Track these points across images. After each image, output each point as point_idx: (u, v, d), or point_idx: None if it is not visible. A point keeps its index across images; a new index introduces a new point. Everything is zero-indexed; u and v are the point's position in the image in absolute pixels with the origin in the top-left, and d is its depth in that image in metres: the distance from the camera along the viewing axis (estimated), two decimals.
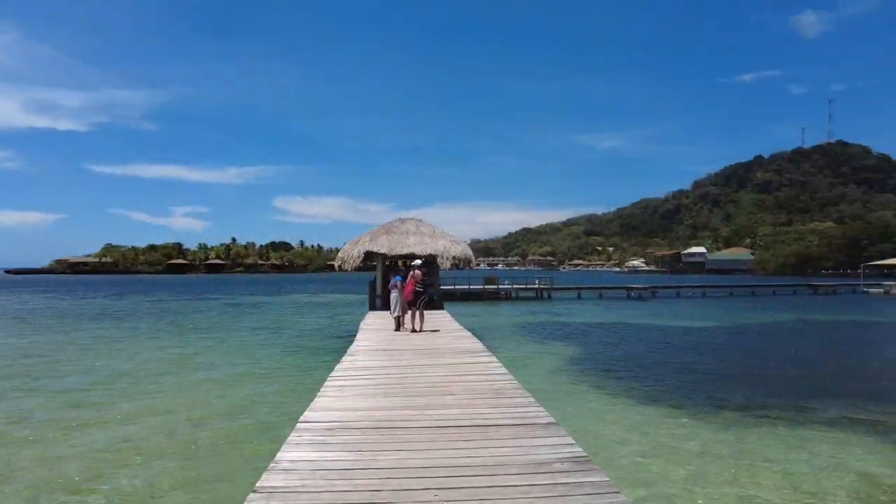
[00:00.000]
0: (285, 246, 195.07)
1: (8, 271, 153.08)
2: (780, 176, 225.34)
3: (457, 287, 46.41)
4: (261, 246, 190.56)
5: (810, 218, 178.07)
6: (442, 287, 29.64)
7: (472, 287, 48.42)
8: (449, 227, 25.14)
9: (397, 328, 15.21)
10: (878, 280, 65.78)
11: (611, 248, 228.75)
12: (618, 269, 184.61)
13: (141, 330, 27.01)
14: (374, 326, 16.41)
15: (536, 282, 55.15)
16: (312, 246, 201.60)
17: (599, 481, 4.41)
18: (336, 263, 23.06)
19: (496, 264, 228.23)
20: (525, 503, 4.01)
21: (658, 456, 8.85)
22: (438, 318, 17.90)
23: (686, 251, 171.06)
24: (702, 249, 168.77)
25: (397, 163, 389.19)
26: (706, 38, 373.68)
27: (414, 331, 14.65)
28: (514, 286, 52.94)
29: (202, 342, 22.41)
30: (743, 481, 7.79)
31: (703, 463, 8.53)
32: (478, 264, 28.78)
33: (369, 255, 22.52)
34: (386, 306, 18.43)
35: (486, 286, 49.88)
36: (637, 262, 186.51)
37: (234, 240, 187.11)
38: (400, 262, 21.93)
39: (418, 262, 16.23)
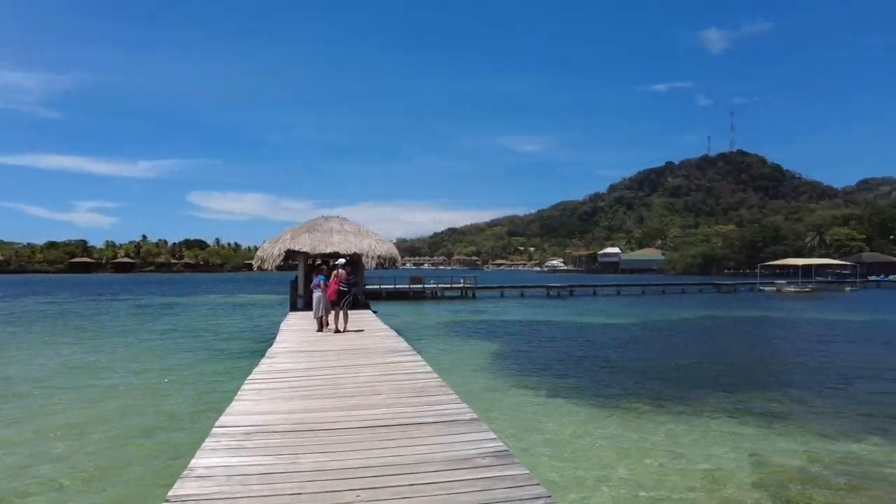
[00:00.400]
0: (200, 244, 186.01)
1: None
2: (689, 181, 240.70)
3: (382, 286, 46.18)
4: (174, 244, 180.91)
5: (715, 221, 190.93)
6: (367, 286, 29.39)
7: (397, 286, 48.33)
8: (374, 226, 24.91)
9: (320, 329, 14.93)
10: (771, 279, 71.50)
11: (532, 249, 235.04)
12: (538, 268, 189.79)
13: (34, 334, 24.88)
14: (296, 327, 16.02)
15: (461, 281, 55.88)
16: (229, 244, 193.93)
17: (519, 474, 4.54)
18: (255, 263, 22.27)
19: (422, 263, 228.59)
20: (446, 499, 4.05)
21: (578, 448, 9.21)
22: (363, 318, 17.71)
23: (602, 251, 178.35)
24: (616, 250, 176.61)
25: (321, 159, 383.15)
26: (624, 48, 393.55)
27: (338, 331, 14.42)
28: (440, 285, 53.34)
29: (107, 347, 20.96)
30: (656, 470, 8.26)
31: (619, 454, 8.94)
32: (403, 263, 28.78)
33: (290, 254, 21.93)
34: (308, 307, 18.03)
35: (411, 285, 49.94)
36: (556, 262, 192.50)
37: (144, 237, 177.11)
38: (321, 261, 21.52)
39: (342, 261, 15.97)
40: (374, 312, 22.18)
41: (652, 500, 7.19)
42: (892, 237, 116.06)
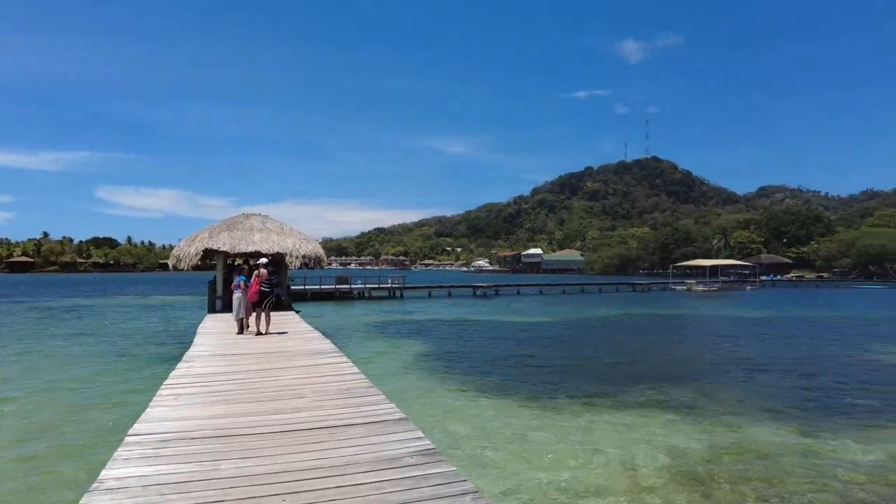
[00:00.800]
0: (110, 242, 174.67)
1: None
2: (606, 186, 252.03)
3: (307, 287, 45.17)
4: (80, 242, 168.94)
5: (630, 224, 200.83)
6: (291, 287, 28.64)
7: (323, 287, 47.43)
8: (299, 225, 24.33)
9: (241, 331, 14.43)
10: (682, 279, 75.99)
11: (459, 249, 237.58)
12: (465, 268, 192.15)
13: None
14: (215, 330, 15.40)
15: (389, 281, 55.56)
16: (143, 242, 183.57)
17: (447, 471, 4.60)
18: (170, 262, 21.16)
19: (349, 263, 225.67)
20: (375, 499, 4.05)
21: (504, 445, 9.40)
22: (286, 320, 17.29)
23: (525, 252, 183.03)
24: (539, 251, 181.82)
25: (241, 154, 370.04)
26: (547, 56, 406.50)
27: (259, 333, 13.98)
28: (367, 285, 52.79)
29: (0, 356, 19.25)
30: (579, 463, 8.58)
31: (543, 449, 9.21)
32: (330, 263, 28.33)
33: (209, 254, 21.04)
34: (228, 308, 17.38)
35: (337, 286, 49.15)
36: (482, 262, 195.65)
37: (45, 234, 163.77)
38: (242, 261, 20.80)
39: (264, 260, 15.51)
40: (297, 312, 21.70)
41: (574, 493, 7.47)
42: (785, 240, 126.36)
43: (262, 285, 14.13)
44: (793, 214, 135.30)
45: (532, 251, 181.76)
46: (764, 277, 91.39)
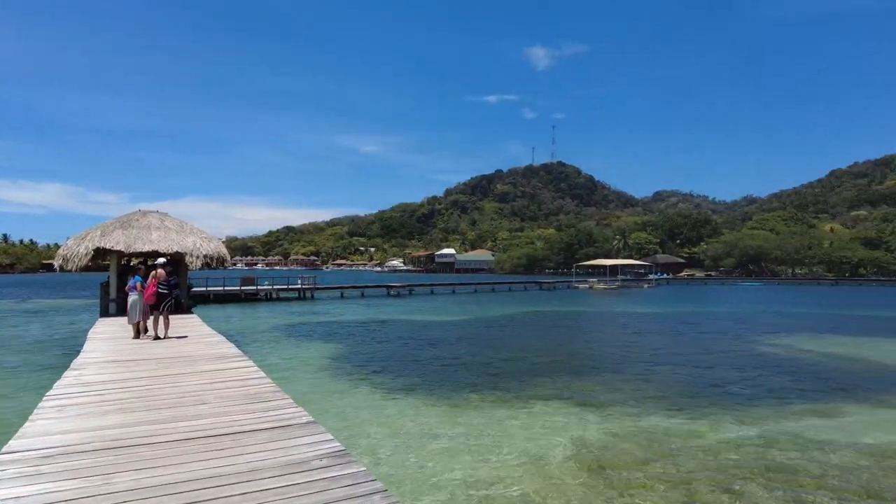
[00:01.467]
0: None
1: None
2: (515, 188, 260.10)
3: (209, 289, 43.06)
4: None
5: (537, 225, 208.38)
6: (194, 289, 27.23)
7: (227, 288, 45.38)
8: (202, 223, 23.23)
9: (137, 336, 13.55)
10: (584, 278, 79.96)
11: (372, 249, 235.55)
12: (379, 268, 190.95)
13: None
14: (107, 335, 14.34)
15: (299, 281, 54.05)
16: (22, 241, 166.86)
17: (357, 472, 4.60)
18: (56, 262, 19.45)
19: (256, 263, 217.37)
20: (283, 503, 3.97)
21: (415, 443, 9.47)
22: (187, 323, 16.42)
23: (439, 252, 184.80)
24: (452, 251, 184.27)
25: (137, 147, 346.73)
26: (459, 59, 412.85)
27: (157, 338, 13.21)
28: (275, 286, 51.06)
29: None
30: (489, 458, 8.80)
31: (454, 446, 9.37)
32: (234, 263, 27.23)
33: (101, 253, 19.57)
34: (122, 312, 16.28)
35: (242, 287, 47.19)
36: (396, 262, 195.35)
37: None
38: (139, 261, 19.53)
39: (162, 260, 14.65)
40: (195, 305, 20.70)
41: (486, 488, 7.66)
42: (678, 241, 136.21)
43: (159, 287, 13.37)
44: (685, 217, 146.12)
45: (445, 251, 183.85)
46: (656, 276, 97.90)
